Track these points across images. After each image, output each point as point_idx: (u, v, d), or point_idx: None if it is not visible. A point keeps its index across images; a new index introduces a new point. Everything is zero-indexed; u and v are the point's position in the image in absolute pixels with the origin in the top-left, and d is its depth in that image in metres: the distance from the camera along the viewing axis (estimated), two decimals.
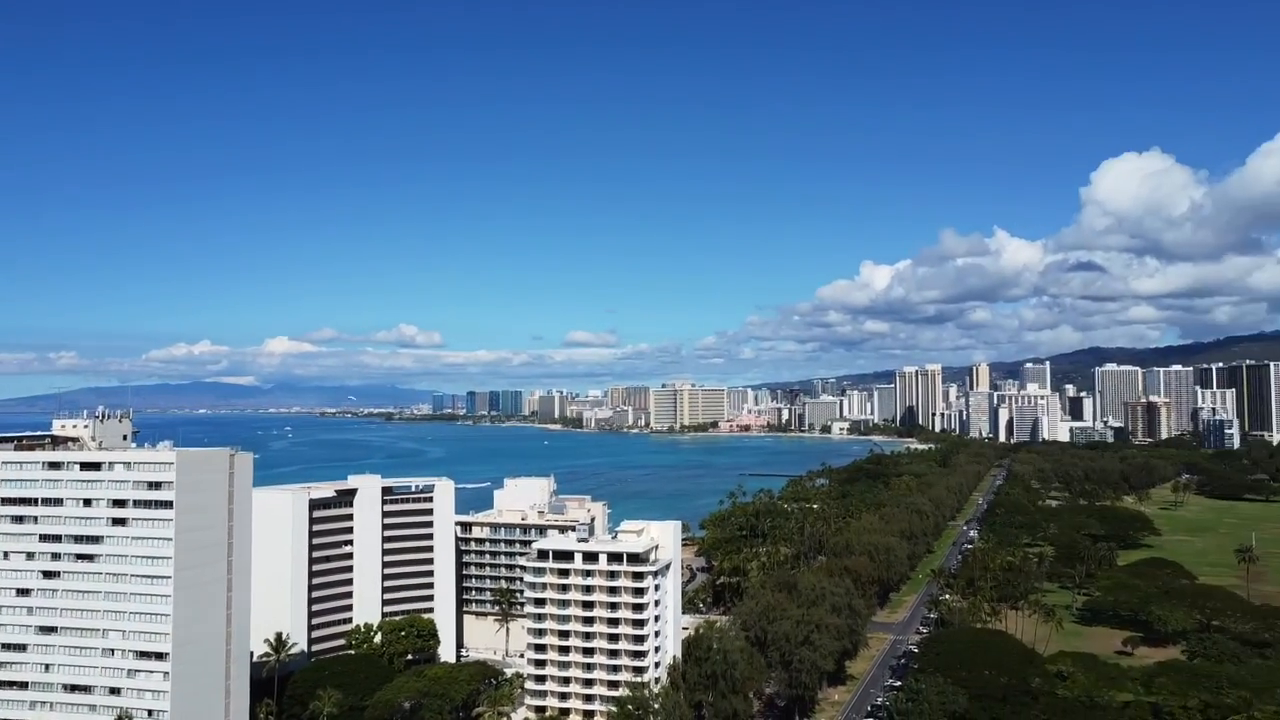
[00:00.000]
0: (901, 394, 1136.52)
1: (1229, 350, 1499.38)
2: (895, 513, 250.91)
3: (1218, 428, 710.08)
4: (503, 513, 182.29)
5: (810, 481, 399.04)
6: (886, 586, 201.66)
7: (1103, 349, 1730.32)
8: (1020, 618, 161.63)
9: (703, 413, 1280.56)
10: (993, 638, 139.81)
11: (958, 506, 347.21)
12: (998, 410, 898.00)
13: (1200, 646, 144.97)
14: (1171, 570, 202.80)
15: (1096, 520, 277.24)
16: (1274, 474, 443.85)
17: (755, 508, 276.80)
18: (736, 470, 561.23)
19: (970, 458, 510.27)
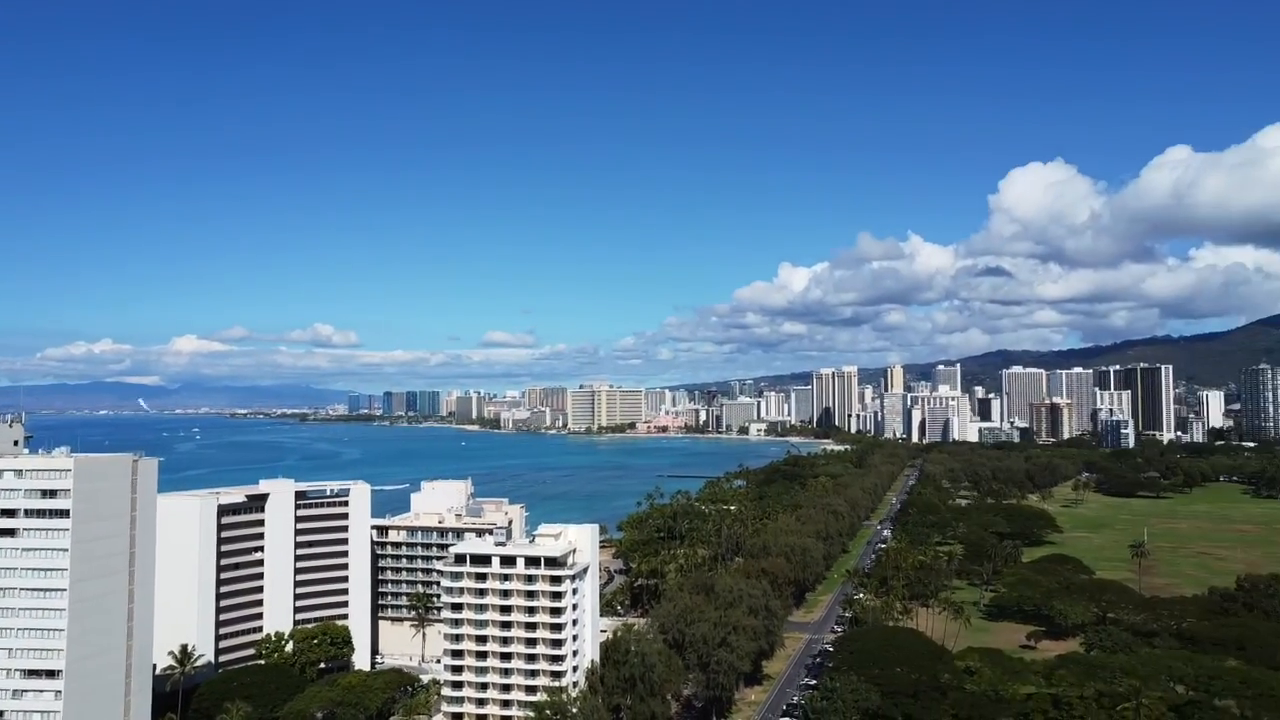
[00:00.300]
0: (818, 395, 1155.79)
1: (1125, 353, 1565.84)
2: (812, 514, 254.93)
3: (1114, 428, 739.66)
4: (420, 516, 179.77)
5: (728, 483, 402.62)
6: (802, 587, 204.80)
7: (1010, 351, 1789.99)
8: (931, 615, 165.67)
9: (620, 414, 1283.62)
10: (904, 636, 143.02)
11: (872, 506, 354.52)
12: (911, 411, 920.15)
13: (1096, 638, 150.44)
14: (1072, 566, 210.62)
15: (1003, 519, 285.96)
16: (1164, 472, 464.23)
17: (673, 509, 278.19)
18: (654, 472, 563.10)
19: (885, 458, 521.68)
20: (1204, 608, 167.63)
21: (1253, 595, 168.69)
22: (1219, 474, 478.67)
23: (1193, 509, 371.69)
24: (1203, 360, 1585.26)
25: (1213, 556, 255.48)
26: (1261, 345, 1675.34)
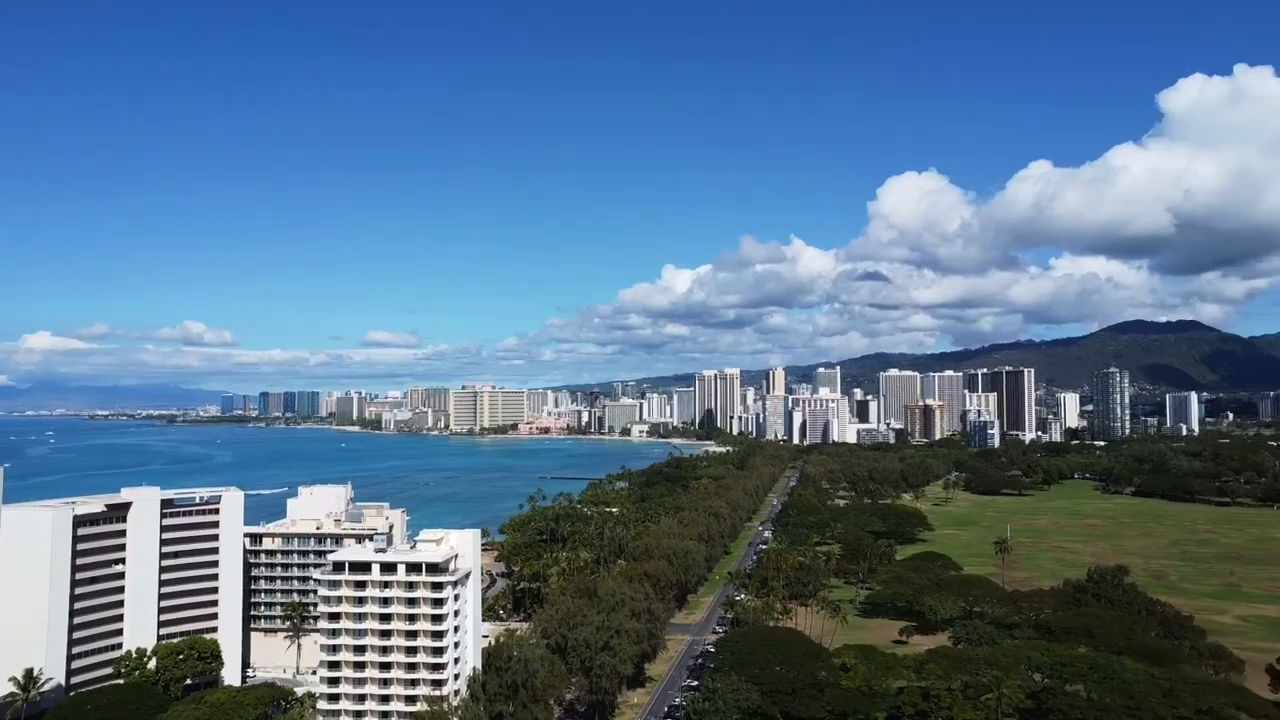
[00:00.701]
0: (701, 397, 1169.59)
1: (992, 356, 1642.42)
2: (694, 516, 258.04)
3: (982, 428, 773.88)
4: (296, 522, 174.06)
5: (610, 485, 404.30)
6: (685, 589, 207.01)
7: (887, 354, 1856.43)
8: (810, 614, 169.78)
9: (503, 415, 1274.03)
10: (784, 635, 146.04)
11: (754, 508, 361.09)
12: (792, 413, 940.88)
13: (963, 632, 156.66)
14: (941, 563, 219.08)
15: (879, 518, 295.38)
16: (1026, 470, 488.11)
17: (555, 512, 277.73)
18: (537, 473, 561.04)
19: (766, 460, 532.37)
20: (1059, 599, 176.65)
21: (1100, 586, 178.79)
22: (1074, 471, 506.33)
23: (1050, 505, 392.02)
24: (1061, 364, 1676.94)
25: (1067, 550, 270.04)
26: (1111, 350, 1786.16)
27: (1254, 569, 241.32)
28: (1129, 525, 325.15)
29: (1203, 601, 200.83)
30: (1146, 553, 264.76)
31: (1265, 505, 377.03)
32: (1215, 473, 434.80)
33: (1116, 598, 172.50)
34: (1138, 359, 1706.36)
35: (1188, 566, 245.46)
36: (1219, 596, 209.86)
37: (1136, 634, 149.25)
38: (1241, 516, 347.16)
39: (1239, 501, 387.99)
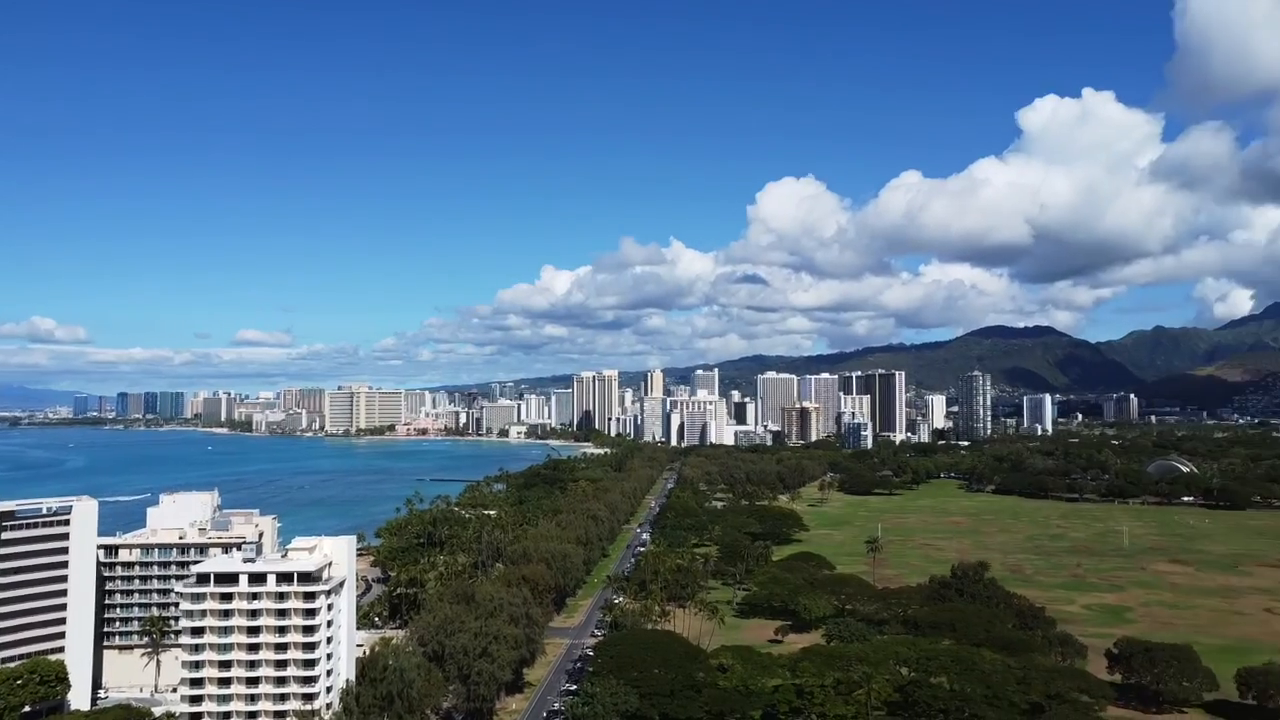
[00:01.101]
0: (579, 398, 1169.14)
1: (866, 360, 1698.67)
2: (572, 519, 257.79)
3: (856, 430, 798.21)
4: (157, 532, 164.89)
5: (488, 487, 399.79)
6: (563, 592, 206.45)
7: (765, 356, 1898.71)
8: (688, 616, 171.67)
9: (380, 416, 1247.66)
10: (662, 637, 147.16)
11: (632, 510, 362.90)
12: (670, 415, 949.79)
13: (836, 630, 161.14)
14: (816, 563, 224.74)
15: (756, 520, 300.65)
16: (896, 471, 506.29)
17: (433, 515, 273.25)
18: (414, 475, 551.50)
19: (644, 462, 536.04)
20: (926, 595, 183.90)
21: (964, 581, 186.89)
22: (940, 471, 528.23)
23: (919, 504, 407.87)
24: (929, 367, 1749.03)
25: (934, 547, 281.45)
26: (975, 354, 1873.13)
27: (1097, 560, 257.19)
28: (990, 522, 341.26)
29: (1054, 592, 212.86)
30: (1005, 548, 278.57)
31: (1108, 500, 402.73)
32: (1066, 471, 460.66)
33: (978, 592, 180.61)
34: (999, 362, 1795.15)
35: (1041, 560, 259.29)
36: (1068, 587, 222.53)
37: (995, 626, 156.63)
38: (1088, 512, 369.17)
39: (1086, 497, 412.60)
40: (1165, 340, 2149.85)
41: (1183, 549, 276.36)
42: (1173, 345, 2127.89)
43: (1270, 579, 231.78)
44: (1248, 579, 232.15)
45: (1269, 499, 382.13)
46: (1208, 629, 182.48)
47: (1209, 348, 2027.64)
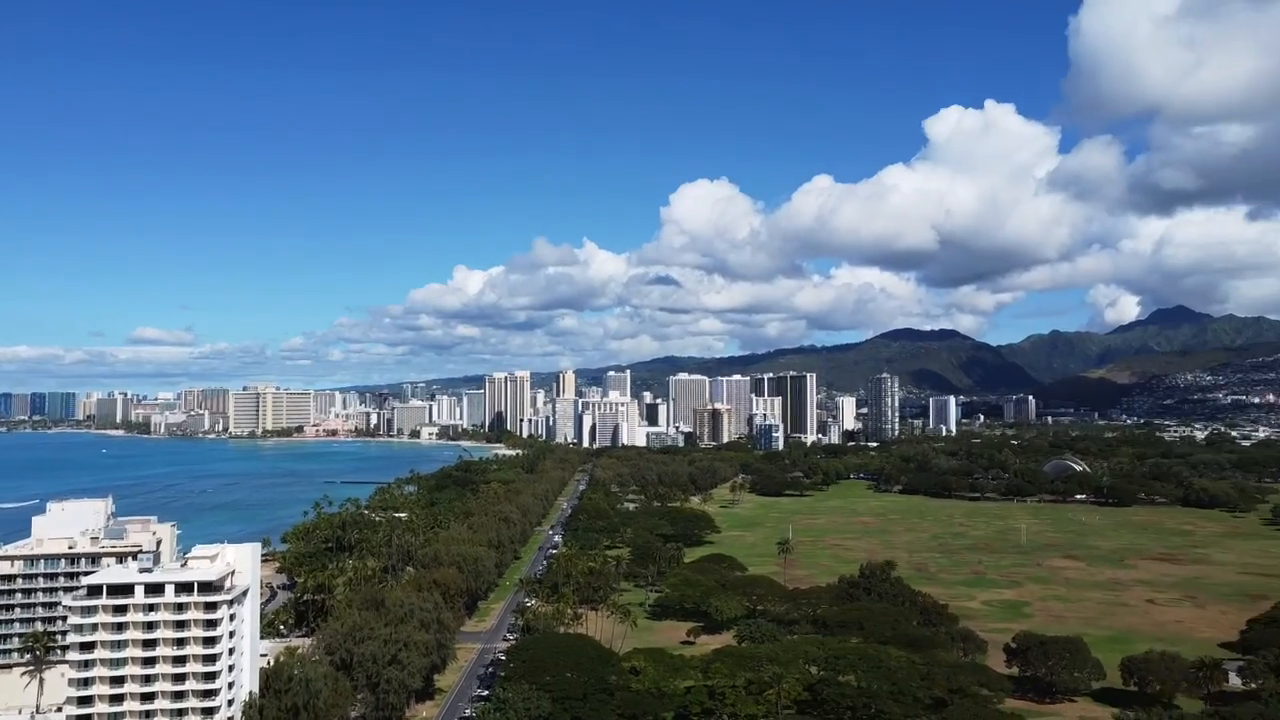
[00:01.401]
0: (491, 399, 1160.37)
1: (777, 361, 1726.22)
2: (484, 521, 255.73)
3: (767, 431, 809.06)
4: (44, 542, 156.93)
5: (399, 489, 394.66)
6: (475, 596, 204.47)
7: (677, 358, 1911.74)
8: (600, 619, 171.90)
9: (287, 417, 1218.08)
10: (575, 641, 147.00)
11: (544, 512, 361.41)
12: (583, 416, 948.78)
13: (747, 631, 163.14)
14: (728, 564, 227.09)
15: (668, 521, 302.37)
16: (807, 472, 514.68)
17: (342, 519, 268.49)
18: (324, 478, 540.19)
19: (556, 463, 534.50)
20: (834, 595, 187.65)
21: (871, 581, 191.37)
22: (850, 472, 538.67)
23: (828, 505, 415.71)
24: (839, 368, 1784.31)
25: (843, 547, 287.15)
26: (884, 356, 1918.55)
27: (997, 558, 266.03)
28: (897, 521, 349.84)
29: (956, 589, 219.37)
30: (911, 547, 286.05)
31: (1008, 499, 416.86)
32: (969, 471, 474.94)
33: (885, 591, 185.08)
34: (906, 364, 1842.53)
35: (945, 558, 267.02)
36: (969, 584, 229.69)
37: (901, 624, 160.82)
38: (989, 510, 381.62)
39: (987, 496, 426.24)
40: (1061, 344, 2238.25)
41: (1075, 545, 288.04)
42: (1068, 348, 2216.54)
43: (1152, 572, 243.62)
44: (1132, 572, 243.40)
45: (1152, 496, 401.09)
46: (1096, 620, 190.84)
47: (1100, 351, 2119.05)
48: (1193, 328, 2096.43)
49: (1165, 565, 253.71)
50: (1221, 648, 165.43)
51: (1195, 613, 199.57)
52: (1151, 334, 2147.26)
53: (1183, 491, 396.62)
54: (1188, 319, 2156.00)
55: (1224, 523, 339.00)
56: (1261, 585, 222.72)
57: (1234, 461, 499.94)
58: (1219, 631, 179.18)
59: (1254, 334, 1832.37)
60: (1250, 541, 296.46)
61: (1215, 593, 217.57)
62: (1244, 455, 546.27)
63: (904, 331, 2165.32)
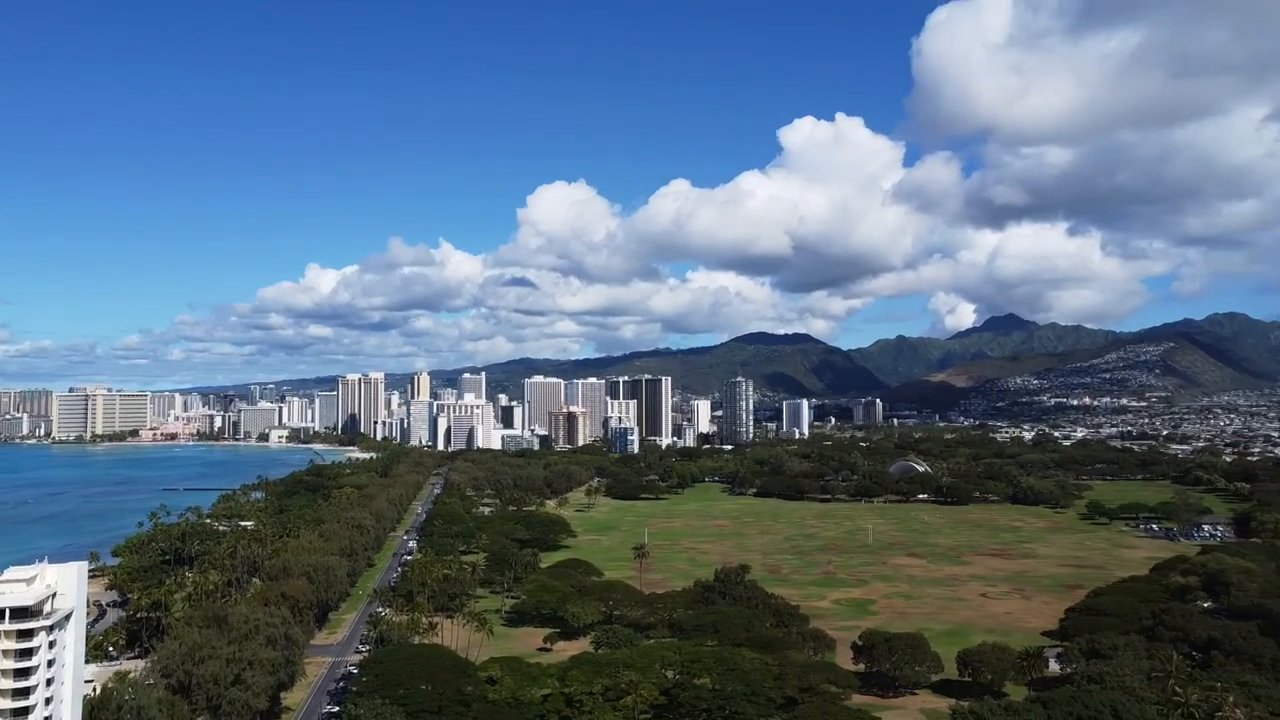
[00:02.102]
0: (344, 401, 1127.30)
1: (633, 363, 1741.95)
2: (336, 529, 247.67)
3: (623, 434, 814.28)
4: None
5: (246, 496, 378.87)
6: (326, 607, 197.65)
7: (532, 360, 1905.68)
8: (456, 627, 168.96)
9: (121, 420, 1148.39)
10: (429, 651, 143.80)
11: (398, 517, 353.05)
12: (438, 419, 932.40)
13: (604, 636, 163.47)
14: (584, 569, 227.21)
15: (524, 526, 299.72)
16: (662, 475, 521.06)
17: (181, 529, 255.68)
18: (163, 485, 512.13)
19: (411, 467, 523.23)
20: (690, 598, 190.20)
21: (726, 584, 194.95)
22: (705, 475, 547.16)
23: (684, 508, 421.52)
24: (695, 371, 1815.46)
25: (698, 551, 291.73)
26: (738, 359, 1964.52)
27: (846, 557, 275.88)
28: (751, 524, 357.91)
29: (808, 590, 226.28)
30: (765, 549, 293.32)
31: (856, 500, 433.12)
32: (820, 473, 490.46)
33: (739, 594, 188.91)
34: (761, 367, 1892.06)
35: (797, 559, 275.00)
36: (820, 584, 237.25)
37: (754, 626, 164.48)
38: (839, 511, 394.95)
39: (837, 498, 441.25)
40: (906, 348, 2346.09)
41: (917, 543, 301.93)
42: (912, 353, 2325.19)
43: (985, 567, 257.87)
44: (968, 568, 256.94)
45: (986, 494, 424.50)
46: (936, 615, 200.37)
47: (941, 356, 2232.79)
48: (1022, 334, 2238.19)
49: (997, 560, 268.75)
50: (1044, 636, 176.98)
51: (1023, 604, 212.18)
52: (986, 340, 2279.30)
53: (1012, 490, 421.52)
54: (1018, 326, 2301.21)
55: (1047, 519, 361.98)
56: (1078, 576, 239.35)
57: (1056, 461, 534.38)
58: (1043, 621, 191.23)
59: (1074, 341, 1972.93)
60: (1069, 535, 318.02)
61: (1039, 585, 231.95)
62: (1065, 454, 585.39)
63: (758, 335, 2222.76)
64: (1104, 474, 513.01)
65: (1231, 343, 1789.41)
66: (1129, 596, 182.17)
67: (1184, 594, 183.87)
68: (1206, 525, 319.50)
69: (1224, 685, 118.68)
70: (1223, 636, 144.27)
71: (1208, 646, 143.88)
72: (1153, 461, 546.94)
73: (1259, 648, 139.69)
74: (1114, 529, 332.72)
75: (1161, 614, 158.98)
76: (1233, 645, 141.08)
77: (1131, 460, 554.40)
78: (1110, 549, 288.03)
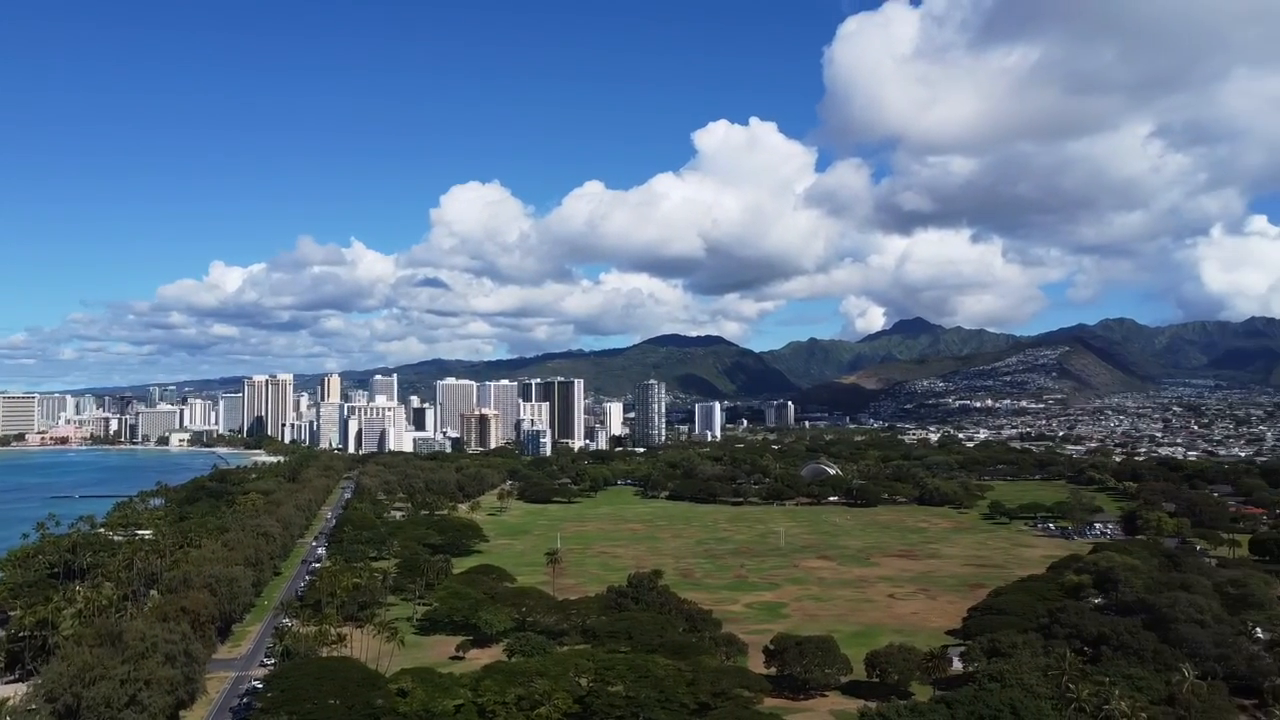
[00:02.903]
0: (251, 403, 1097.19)
1: (546, 365, 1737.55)
2: (241, 537, 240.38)
3: (535, 437, 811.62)
4: None
5: (144, 503, 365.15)
6: (229, 619, 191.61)
7: (445, 361, 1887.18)
8: (366, 637, 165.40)
9: (4, 423, 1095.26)
10: (338, 664, 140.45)
11: (307, 524, 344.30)
12: (348, 421, 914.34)
13: (517, 644, 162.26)
14: (497, 575, 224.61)
15: (436, 531, 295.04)
16: (575, 478, 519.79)
17: (72, 540, 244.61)
18: (52, 493, 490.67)
19: (320, 471, 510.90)
20: (603, 604, 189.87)
21: (639, 590, 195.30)
22: (618, 478, 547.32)
23: (597, 511, 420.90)
24: (607, 373, 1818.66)
25: (611, 555, 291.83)
26: (651, 361, 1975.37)
27: (759, 561, 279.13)
28: (664, 528, 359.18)
29: (720, 594, 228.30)
30: (678, 553, 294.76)
31: (768, 503, 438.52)
32: (732, 476, 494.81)
33: (652, 600, 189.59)
34: (673, 370, 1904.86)
35: (709, 563, 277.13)
36: (732, 588, 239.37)
37: (667, 631, 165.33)
38: (751, 514, 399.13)
39: (749, 501, 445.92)
40: (818, 350, 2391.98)
41: (828, 545, 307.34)
42: (824, 355, 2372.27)
43: (892, 568, 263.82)
44: (876, 569, 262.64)
45: (894, 496, 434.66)
46: (846, 617, 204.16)
47: (852, 358, 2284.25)
48: (929, 338, 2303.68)
49: (904, 561, 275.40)
50: (949, 635, 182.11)
51: (928, 604, 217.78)
52: (895, 343, 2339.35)
53: (919, 491, 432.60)
54: (925, 329, 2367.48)
55: (952, 519, 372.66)
56: (980, 575, 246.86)
57: (960, 462, 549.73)
58: (947, 620, 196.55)
59: (977, 344, 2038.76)
60: (972, 535, 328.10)
61: (944, 585, 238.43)
62: (968, 456, 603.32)
63: (671, 337, 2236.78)
64: (1005, 474, 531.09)
65: (1121, 347, 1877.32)
66: (1027, 595, 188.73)
67: (1077, 591, 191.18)
68: (1098, 524, 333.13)
69: (1111, 679, 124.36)
70: (1111, 632, 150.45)
71: (1098, 642, 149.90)
72: (1050, 462, 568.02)
73: (1142, 641, 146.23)
74: (1014, 528, 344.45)
75: (1057, 612, 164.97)
76: (1120, 640, 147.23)
77: (1030, 461, 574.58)
78: (1010, 548, 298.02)
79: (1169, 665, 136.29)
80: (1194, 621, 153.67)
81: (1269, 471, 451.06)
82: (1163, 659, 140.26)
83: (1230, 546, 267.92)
